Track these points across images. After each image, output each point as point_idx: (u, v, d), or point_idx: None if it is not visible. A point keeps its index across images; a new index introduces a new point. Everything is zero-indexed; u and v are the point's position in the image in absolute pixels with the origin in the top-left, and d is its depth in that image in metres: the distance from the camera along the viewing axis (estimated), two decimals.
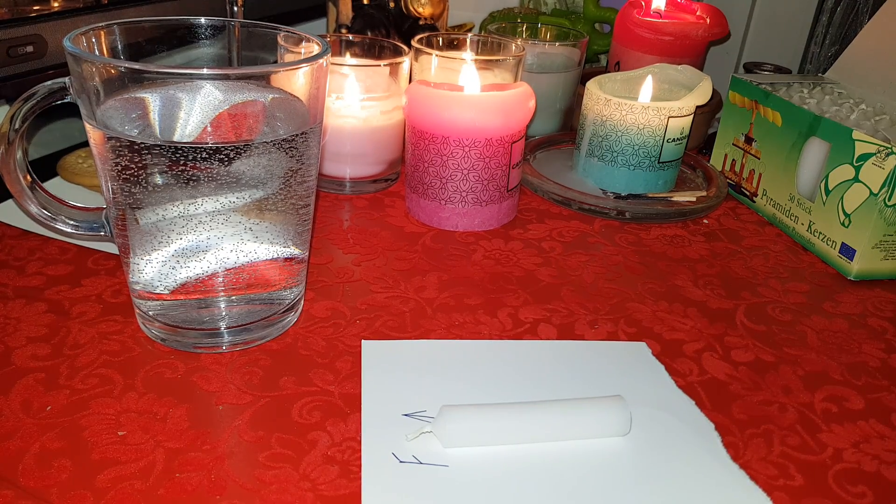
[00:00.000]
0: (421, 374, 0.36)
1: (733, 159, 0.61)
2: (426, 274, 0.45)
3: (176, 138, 0.32)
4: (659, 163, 0.56)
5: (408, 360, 0.37)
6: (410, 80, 0.55)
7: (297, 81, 0.34)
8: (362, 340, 0.38)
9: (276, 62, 0.41)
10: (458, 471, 0.30)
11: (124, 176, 0.32)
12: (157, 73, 0.30)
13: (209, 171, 0.32)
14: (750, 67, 0.70)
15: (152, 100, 0.33)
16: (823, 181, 0.50)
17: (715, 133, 0.64)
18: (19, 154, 0.35)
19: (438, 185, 0.50)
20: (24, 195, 0.36)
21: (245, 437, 0.31)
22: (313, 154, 0.36)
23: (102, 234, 0.38)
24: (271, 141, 0.33)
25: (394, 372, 0.36)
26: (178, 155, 0.31)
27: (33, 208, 0.36)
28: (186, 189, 0.32)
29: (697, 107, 0.56)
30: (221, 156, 0.32)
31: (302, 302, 0.41)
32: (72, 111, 0.34)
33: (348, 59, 0.58)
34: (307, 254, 0.39)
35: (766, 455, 0.33)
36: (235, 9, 0.61)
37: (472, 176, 0.49)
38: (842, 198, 0.49)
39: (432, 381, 0.36)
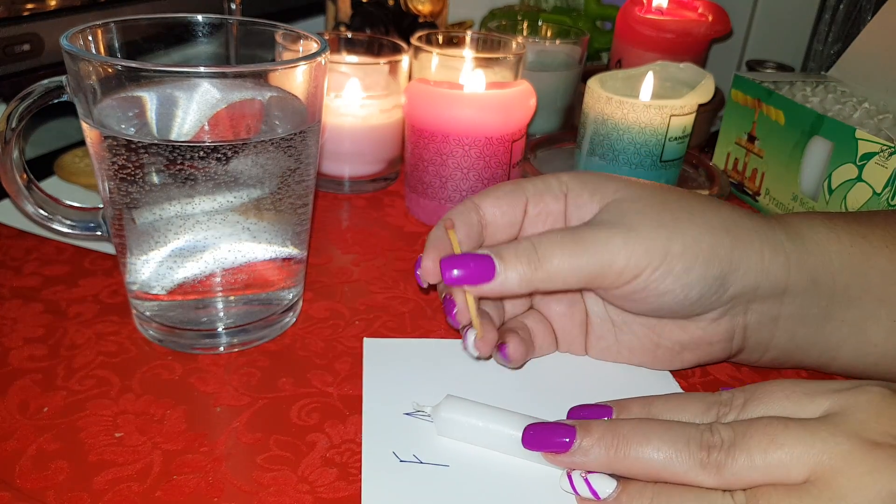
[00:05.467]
0: (423, 372, 0.36)
1: (736, 158, 0.61)
2: None
3: (173, 137, 0.32)
4: (661, 161, 0.56)
5: (409, 359, 0.37)
6: (410, 79, 0.54)
7: (295, 80, 0.33)
8: (364, 338, 0.38)
9: (274, 60, 0.41)
10: (458, 471, 0.30)
11: (121, 175, 0.32)
12: (155, 71, 0.30)
13: (206, 170, 0.31)
14: (752, 65, 0.70)
15: (149, 98, 0.33)
16: (826, 180, 0.50)
17: (717, 131, 0.64)
18: (16, 153, 0.34)
19: (438, 184, 0.50)
20: (21, 195, 0.35)
21: (243, 438, 0.31)
22: (312, 153, 0.36)
23: (99, 233, 0.37)
24: (269, 140, 0.33)
25: (395, 370, 0.36)
26: (175, 154, 0.31)
27: (30, 208, 0.36)
28: (184, 188, 0.32)
29: (700, 105, 0.56)
30: (219, 155, 0.31)
31: (300, 302, 0.40)
32: (69, 110, 0.34)
33: (347, 57, 0.57)
34: (306, 254, 0.39)
35: None
36: (233, 6, 0.60)
37: (472, 175, 0.49)
38: (845, 197, 0.49)
39: (434, 381, 0.35)
